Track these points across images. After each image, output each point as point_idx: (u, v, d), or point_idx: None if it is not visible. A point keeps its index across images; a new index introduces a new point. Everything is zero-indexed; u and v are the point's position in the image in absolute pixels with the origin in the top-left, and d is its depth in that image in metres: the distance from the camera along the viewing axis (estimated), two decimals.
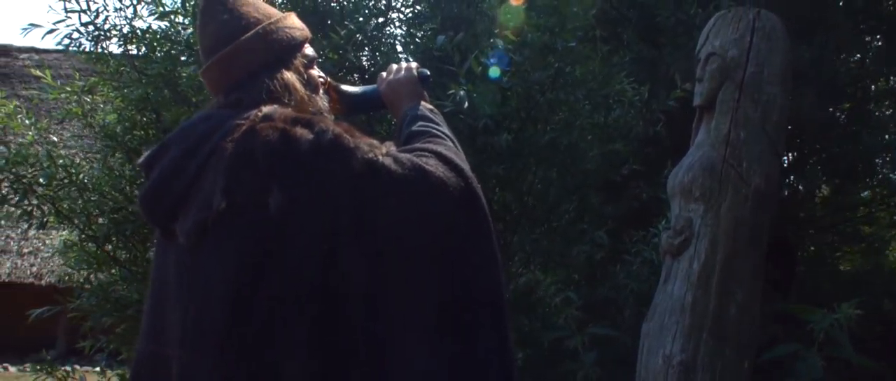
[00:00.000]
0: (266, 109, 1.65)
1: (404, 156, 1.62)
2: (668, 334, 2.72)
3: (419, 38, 4.58)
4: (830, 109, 5.96)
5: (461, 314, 1.60)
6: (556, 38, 3.96)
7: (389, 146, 1.64)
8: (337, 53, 3.73)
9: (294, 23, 1.84)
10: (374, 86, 2.01)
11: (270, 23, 1.79)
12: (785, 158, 5.72)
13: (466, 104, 3.42)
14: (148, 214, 1.73)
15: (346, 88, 2.01)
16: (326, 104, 1.85)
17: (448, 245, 1.61)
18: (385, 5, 4.37)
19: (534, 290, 3.60)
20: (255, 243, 1.54)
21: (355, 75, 4.05)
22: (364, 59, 4.23)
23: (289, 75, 1.76)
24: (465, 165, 1.70)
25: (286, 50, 1.79)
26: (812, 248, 6.78)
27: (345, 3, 4.21)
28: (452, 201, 1.62)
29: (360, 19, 4.04)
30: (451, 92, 3.43)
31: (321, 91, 1.86)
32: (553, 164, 4.26)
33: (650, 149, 5.01)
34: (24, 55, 16.96)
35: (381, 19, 4.33)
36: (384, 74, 1.99)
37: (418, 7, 4.63)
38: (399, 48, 4.63)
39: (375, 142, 1.61)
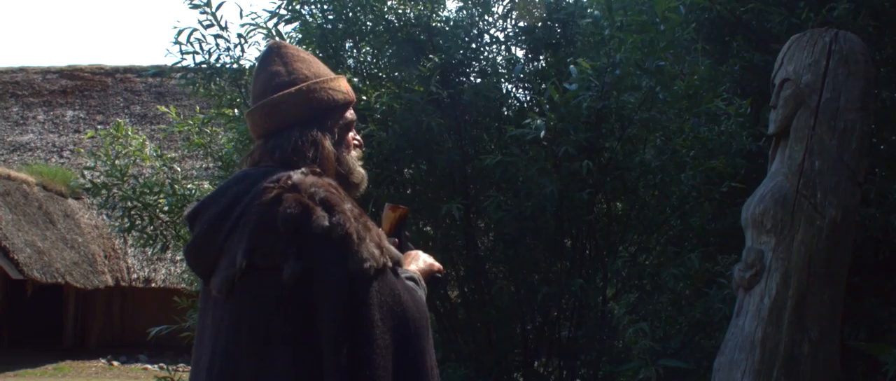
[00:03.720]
0: (296, 177, 1.80)
1: (387, 288, 1.78)
2: (738, 369, 2.66)
3: (515, 61, 4.63)
4: None
5: None
6: (647, 57, 3.92)
7: (388, 259, 1.79)
8: (422, 87, 3.82)
9: (339, 86, 1.98)
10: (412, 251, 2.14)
11: (316, 82, 1.94)
12: None
13: (543, 133, 3.44)
14: (191, 267, 1.93)
15: (399, 228, 2.18)
16: (357, 163, 1.98)
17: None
18: (478, 31, 4.44)
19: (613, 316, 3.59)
20: (269, 300, 1.74)
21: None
22: (462, 83, 4.32)
23: (319, 134, 1.90)
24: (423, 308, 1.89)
25: (325, 110, 1.93)
26: None
27: (434, 34, 4.30)
28: (414, 332, 1.81)
29: (449, 47, 4.12)
30: (526, 121, 3.46)
31: (354, 152, 1.99)
32: (649, 184, 4.21)
33: (759, 162, 4.83)
34: (178, 74, 18.14)
35: (473, 45, 4.41)
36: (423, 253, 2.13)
37: (515, 30, 4.67)
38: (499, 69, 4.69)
39: (375, 251, 1.76)
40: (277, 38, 4.46)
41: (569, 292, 3.99)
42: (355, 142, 2.01)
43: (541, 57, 4.71)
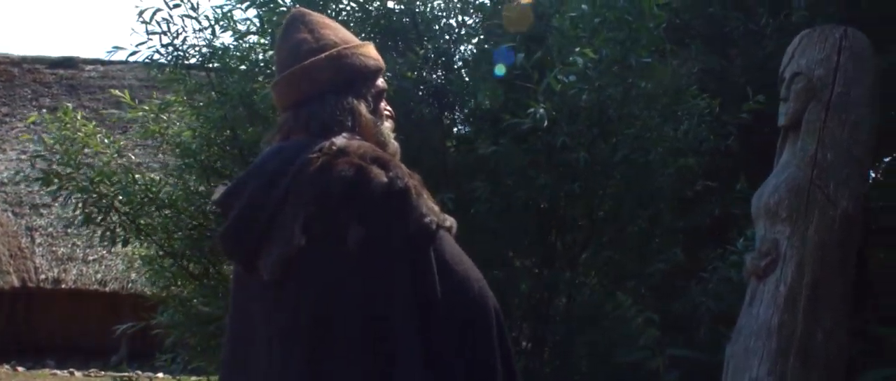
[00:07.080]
0: (339, 141, 1.71)
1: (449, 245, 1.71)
2: (755, 356, 2.70)
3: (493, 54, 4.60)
4: None
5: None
6: (629, 53, 3.95)
7: (444, 221, 1.72)
8: (414, 73, 3.76)
9: (370, 52, 1.88)
10: None
11: (346, 47, 1.84)
12: None
13: (546, 122, 3.42)
14: (230, 251, 1.79)
15: None
16: (391, 135, 1.88)
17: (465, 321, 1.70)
18: (458, 23, 4.40)
19: (602, 306, 3.59)
20: (335, 274, 1.64)
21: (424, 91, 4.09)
22: (439, 79, 4.26)
23: (354, 101, 1.80)
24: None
25: (357, 76, 1.83)
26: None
27: (419, 21, 4.23)
28: (480, 309, 1.72)
29: (432, 37, 4.07)
30: (530, 110, 3.44)
31: (387, 123, 1.88)
32: (626, 180, 4.24)
33: (723, 162, 4.95)
34: (90, 67, 17.42)
35: (452, 37, 4.36)
36: None
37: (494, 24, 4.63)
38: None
39: (435, 207, 1.70)
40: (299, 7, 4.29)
41: (549, 286, 3.97)
42: (387, 112, 1.90)
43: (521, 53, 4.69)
